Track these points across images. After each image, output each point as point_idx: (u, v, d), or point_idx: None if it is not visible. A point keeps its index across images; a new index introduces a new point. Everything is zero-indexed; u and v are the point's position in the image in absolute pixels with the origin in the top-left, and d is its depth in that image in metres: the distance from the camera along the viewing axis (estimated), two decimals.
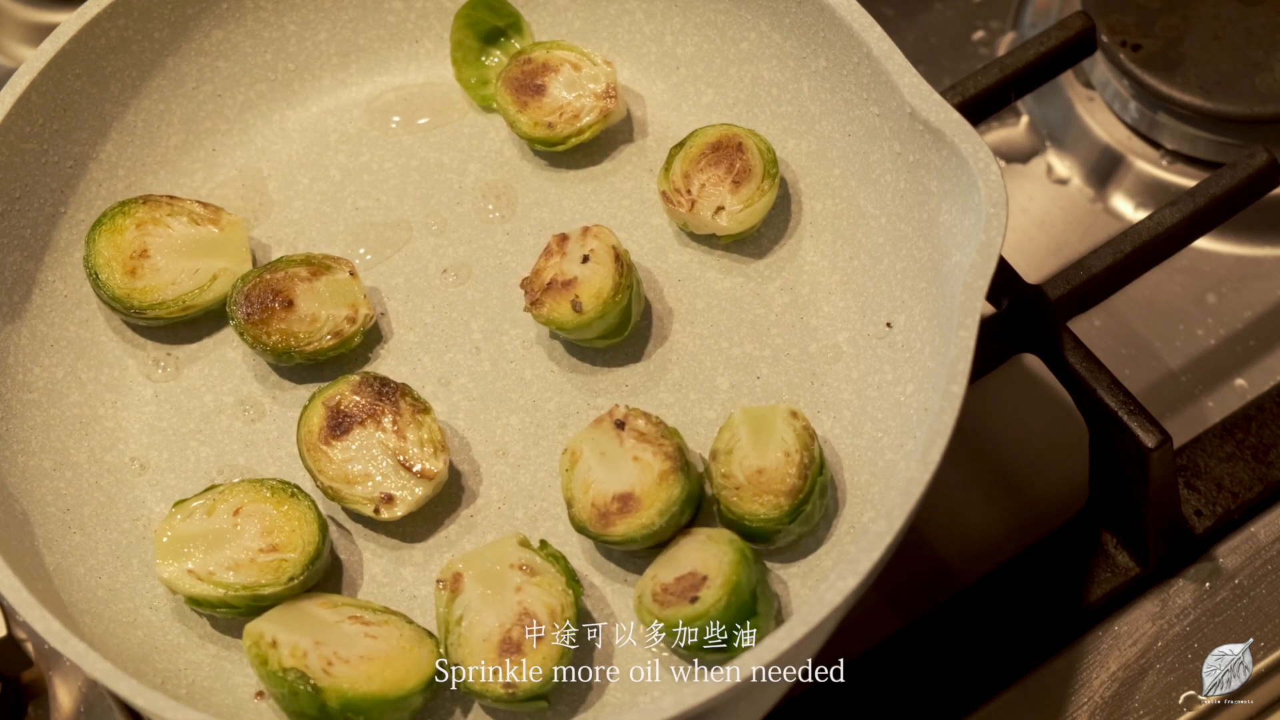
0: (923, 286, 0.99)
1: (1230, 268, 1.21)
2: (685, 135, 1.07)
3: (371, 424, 0.99)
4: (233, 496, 0.98)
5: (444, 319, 1.07)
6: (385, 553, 1.00)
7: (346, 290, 1.04)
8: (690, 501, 0.97)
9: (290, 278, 1.04)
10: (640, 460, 0.97)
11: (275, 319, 1.03)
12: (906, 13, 1.32)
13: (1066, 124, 1.27)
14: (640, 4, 1.11)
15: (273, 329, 1.03)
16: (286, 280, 1.03)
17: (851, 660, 1.05)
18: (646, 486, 0.96)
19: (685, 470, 0.97)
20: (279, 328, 1.03)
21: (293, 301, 1.03)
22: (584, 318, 1.01)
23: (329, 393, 1.01)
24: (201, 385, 1.06)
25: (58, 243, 1.07)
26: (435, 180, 1.11)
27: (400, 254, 1.09)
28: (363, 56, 1.14)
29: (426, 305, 1.07)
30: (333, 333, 1.03)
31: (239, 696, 0.96)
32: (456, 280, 1.08)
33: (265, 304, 1.03)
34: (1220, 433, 1.12)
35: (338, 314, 1.04)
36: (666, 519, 0.96)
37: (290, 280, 1.03)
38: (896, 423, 0.98)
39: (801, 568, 0.97)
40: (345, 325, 1.04)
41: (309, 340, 1.03)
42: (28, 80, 1.04)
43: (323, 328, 1.03)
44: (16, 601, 0.91)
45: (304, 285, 1.03)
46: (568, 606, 0.94)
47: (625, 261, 1.03)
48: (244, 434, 1.04)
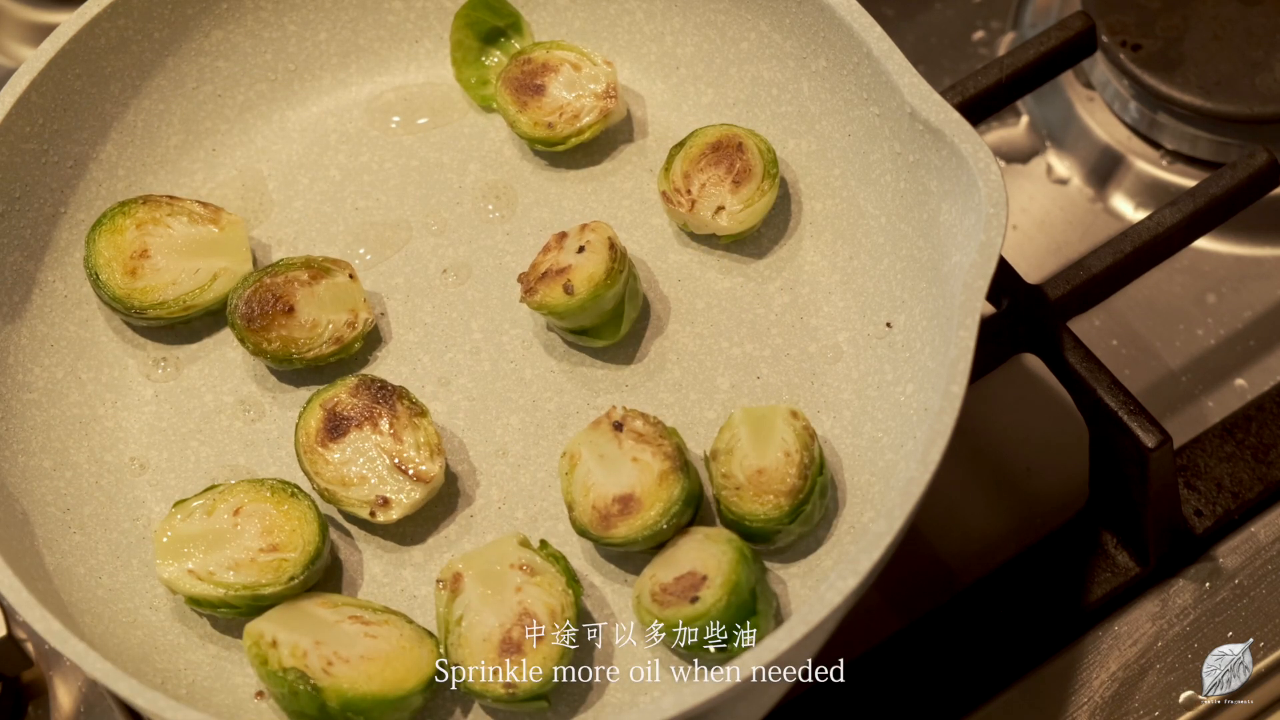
0: (923, 286, 0.99)
1: (1230, 268, 1.21)
2: (685, 135, 1.07)
3: (368, 427, 0.99)
4: (232, 496, 0.98)
5: (444, 319, 1.07)
6: (385, 553, 1.00)
7: (346, 294, 1.04)
8: (690, 501, 0.97)
9: (290, 281, 1.03)
10: (639, 461, 0.97)
11: (276, 325, 1.03)
12: (906, 13, 1.32)
13: (1066, 124, 1.27)
14: (640, 4, 1.11)
15: (273, 335, 1.03)
16: (286, 285, 1.03)
17: (851, 660, 1.05)
18: (647, 487, 0.96)
19: (685, 470, 0.97)
20: (279, 334, 1.03)
21: (293, 307, 1.03)
22: (575, 300, 1.01)
23: (326, 395, 1.01)
24: (201, 385, 1.06)
25: (58, 243, 1.07)
26: (435, 180, 1.11)
27: (400, 254, 1.09)
28: (363, 56, 1.14)
29: (426, 305, 1.07)
30: (333, 339, 1.03)
31: (239, 696, 0.96)
32: (456, 280, 1.08)
33: (265, 309, 1.03)
34: (1220, 433, 1.12)
35: (338, 319, 1.03)
36: (668, 519, 0.96)
37: (290, 284, 1.03)
38: (896, 423, 0.98)
39: (801, 568, 0.97)
40: (346, 331, 1.03)
41: (309, 346, 1.03)
42: (28, 80, 1.04)
43: (323, 334, 1.03)
44: (16, 601, 0.91)
45: (304, 290, 1.03)
46: (568, 606, 0.94)
47: (620, 251, 1.03)
48: (244, 434, 1.04)
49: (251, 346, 1.03)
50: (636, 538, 0.96)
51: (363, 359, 1.06)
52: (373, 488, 0.98)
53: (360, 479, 0.99)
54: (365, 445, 0.99)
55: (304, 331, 1.03)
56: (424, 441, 0.99)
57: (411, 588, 0.99)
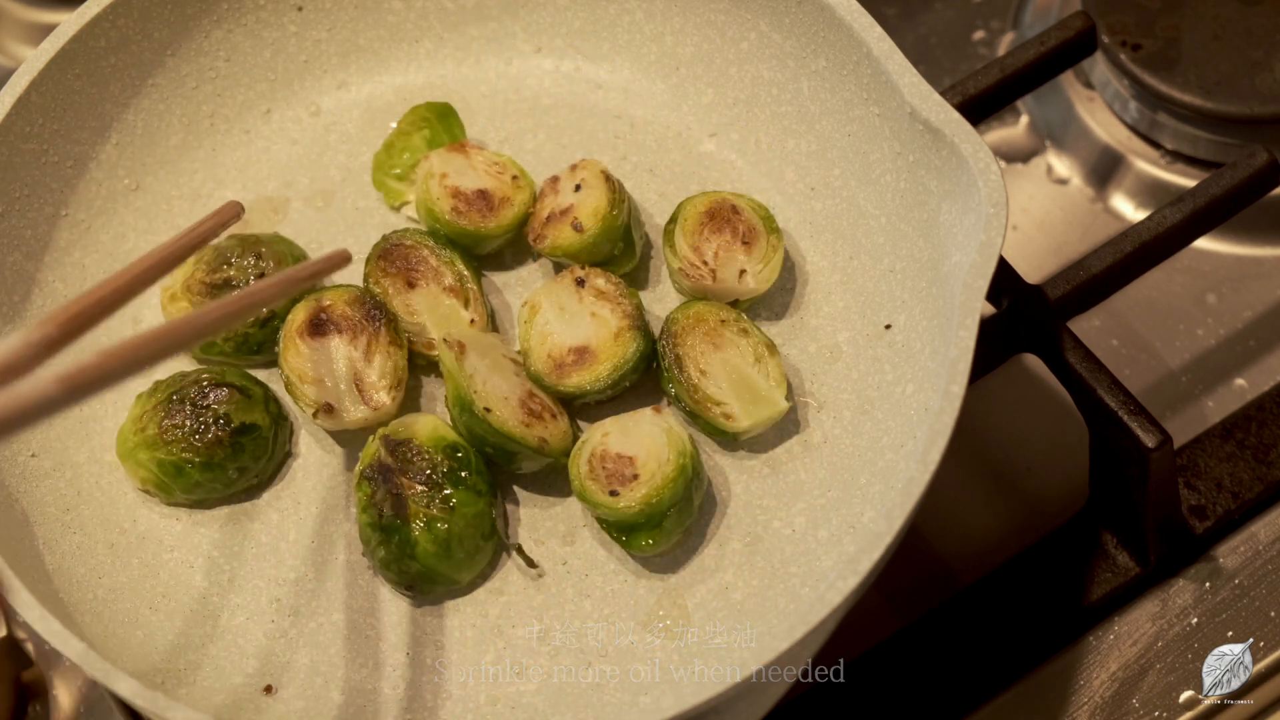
0: (923, 286, 0.99)
1: (1230, 268, 1.21)
2: (672, 211, 1.05)
3: (347, 337, 1.01)
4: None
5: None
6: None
7: (449, 314, 1.04)
8: (644, 360, 1.00)
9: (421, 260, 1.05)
10: (598, 316, 1.00)
11: (400, 290, 1.04)
12: (906, 13, 1.32)
13: (1066, 124, 1.27)
14: (640, 4, 1.11)
15: (395, 300, 1.04)
16: (417, 256, 1.05)
17: (851, 660, 1.05)
18: (603, 341, 1.00)
19: (643, 329, 1.00)
20: (401, 300, 1.04)
21: (415, 286, 1.04)
22: (587, 236, 1.03)
23: (328, 295, 1.03)
24: None
25: (58, 243, 1.07)
26: None
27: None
28: (363, 56, 1.14)
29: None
30: (418, 340, 1.04)
31: (239, 696, 0.96)
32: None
33: (402, 265, 1.04)
34: (1220, 433, 1.12)
35: (430, 330, 1.04)
36: (621, 374, 0.99)
37: (420, 266, 1.05)
38: (896, 423, 0.98)
39: (802, 568, 0.97)
40: (425, 346, 1.04)
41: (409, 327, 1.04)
42: (28, 80, 1.04)
43: (417, 327, 1.04)
44: (16, 601, 0.91)
45: (427, 283, 1.04)
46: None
47: (616, 182, 1.04)
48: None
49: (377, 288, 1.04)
50: (589, 388, 0.99)
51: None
52: (324, 391, 1.00)
53: (316, 380, 1.00)
54: (337, 353, 1.01)
55: (406, 313, 1.04)
56: (390, 371, 1.01)
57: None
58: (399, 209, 1.09)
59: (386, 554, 0.97)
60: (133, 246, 1.08)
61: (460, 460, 0.98)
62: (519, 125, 1.12)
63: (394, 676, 0.97)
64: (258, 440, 1.01)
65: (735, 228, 1.03)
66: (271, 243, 1.06)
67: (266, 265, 1.05)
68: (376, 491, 0.98)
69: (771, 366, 1.00)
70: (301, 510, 1.02)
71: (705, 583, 0.98)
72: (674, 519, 0.97)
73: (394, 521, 0.97)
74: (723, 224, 1.03)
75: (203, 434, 1.00)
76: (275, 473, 1.03)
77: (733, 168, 1.09)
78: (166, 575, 1.00)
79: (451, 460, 0.97)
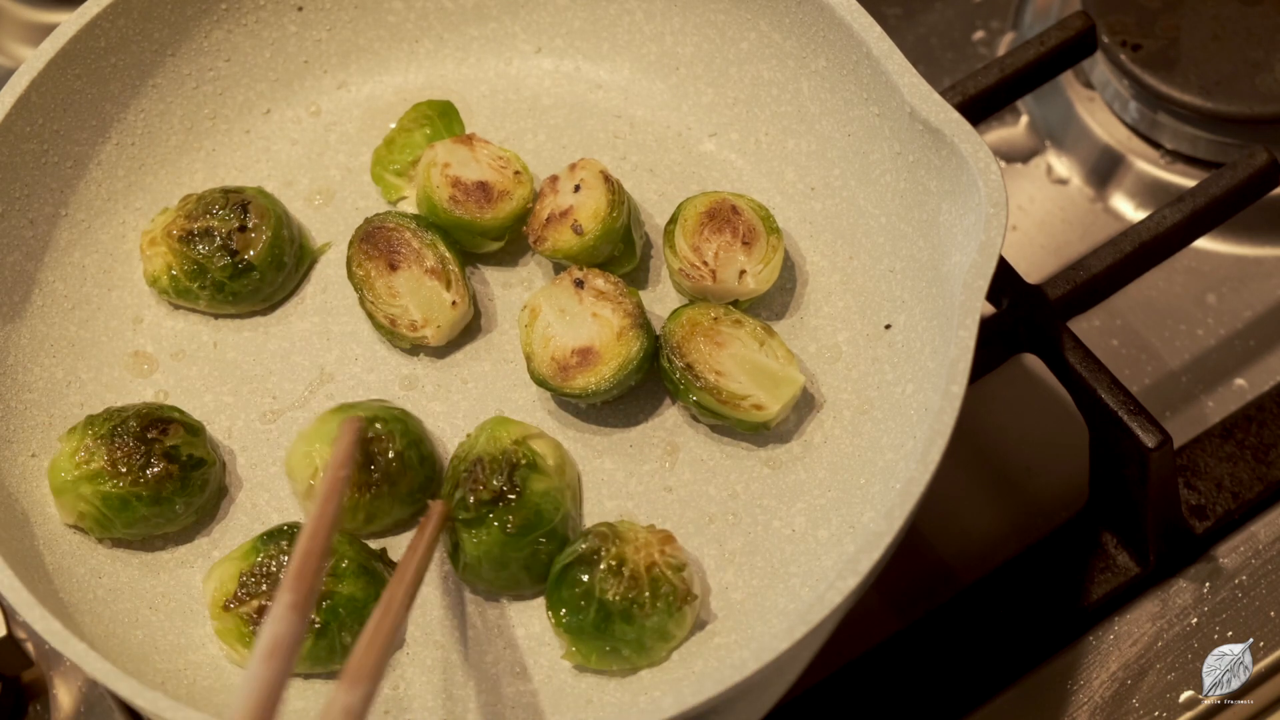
0: (922, 286, 0.99)
1: (1230, 268, 1.21)
2: (672, 211, 1.05)
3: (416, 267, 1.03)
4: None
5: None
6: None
7: (432, 296, 1.04)
8: (648, 358, 1.00)
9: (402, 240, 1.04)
10: (600, 317, 1.00)
11: (383, 272, 1.04)
12: (907, 13, 1.32)
13: (1066, 124, 1.27)
14: (640, 4, 1.11)
15: (378, 283, 1.03)
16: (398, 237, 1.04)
17: (851, 660, 1.05)
18: (606, 341, 1.00)
19: (644, 327, 1.00)
20: (384, 283, 1.03)
21: (396, 268, 1.04)
22: (587, 238, 1.03)
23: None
24: (200, 386, 1.06)
25: (58, 243, 1.07)
26: None
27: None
28: (363, 56, 1.14)
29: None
30: (400, 321, 1.03)
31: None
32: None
33: (384, 248, 1.04)
34: (1220, 433, 1.12)
35: (412, 313, 1.03)
36: (626, 373, 0.99)
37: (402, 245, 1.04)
38: (896, 423, 0.98)
39: (801, 568, 0.97)
40: (407, 329, 1.04)
41: (381, 309, 1.04)
42: (28, 80, 1.04)
43: (400, 309, 1.03)
44: (16, 601, 0.91)
45: (409, 265, 1.04)
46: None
47: (615, 182, 1.04)
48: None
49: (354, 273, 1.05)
50: (594, 389, 0.99)
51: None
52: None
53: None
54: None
55: (386, 293, 1.04)
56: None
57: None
58: (396, 204, 1.09)
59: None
60: (132, 247, 1.08)
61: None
62: (519, 125, 1.12)
63: (392, 675, 0.97)
64: (205, 475, 1.00)
65: (735, 228, 1.03)
66: (256, 196, 1.06)
67: (249, 219, 1.05)
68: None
69: (775, 346, 1.00)
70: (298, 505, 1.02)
71: (705, 582, 0.98)
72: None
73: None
74: (723, 224, 1.03)
75: (151, 468, 0.98)
76: (215, 509, 1.02)
77: (733, 168, 1.09)
78: (166, 575, 1.00)
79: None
